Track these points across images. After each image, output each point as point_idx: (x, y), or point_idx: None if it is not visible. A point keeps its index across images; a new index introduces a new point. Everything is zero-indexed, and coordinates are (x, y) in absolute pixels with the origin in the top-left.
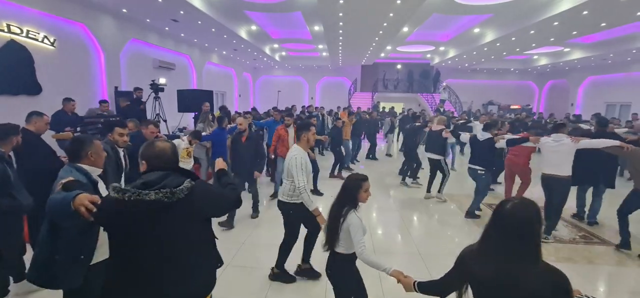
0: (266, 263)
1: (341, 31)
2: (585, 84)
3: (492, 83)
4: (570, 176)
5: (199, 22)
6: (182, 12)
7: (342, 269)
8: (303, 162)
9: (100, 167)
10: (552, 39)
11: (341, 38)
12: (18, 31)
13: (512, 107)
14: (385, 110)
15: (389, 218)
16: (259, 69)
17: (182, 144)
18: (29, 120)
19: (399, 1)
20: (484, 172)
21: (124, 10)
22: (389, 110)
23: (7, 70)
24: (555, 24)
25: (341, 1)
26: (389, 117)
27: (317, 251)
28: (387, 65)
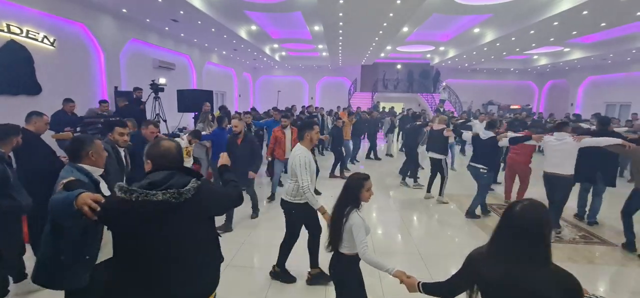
0: (266, 263)
1: (341, 31)
2: (585, 83)
3: (492, 83)
4: (573, 175)
5: (199, 22)
6: (182, 12)
7: (346, 269)
8: (307, 161)
9: (101, 166)
10: (552, 39)
11: (341, 38)
12: (18, 31)
13: (512, 107)
14: (385, 110)
15: (389, 219)
16: (258, 68)
17: (182, 143)
18: (29, 120)
19: (399, 1)
20: (486, 171)
21: (124, 10)
22: (389, 110)
23: (7, 70)
24: (555, 24)
25: (341, 1)
26: (388, 116)
27: (320, 252)
28: (387, 65)
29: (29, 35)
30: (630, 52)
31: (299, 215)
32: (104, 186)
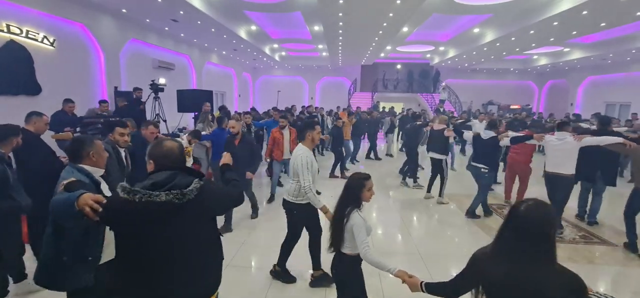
0: (266, 263)
1: (341, 31)
2: (584, 83)
3: (492, 83)
4: (574, 174)
5: (199, 22)
6: (181, 12)
7: (348, 270)
8: (308, 161)
9: (102, 167)
10: (552, 39)
11: (341, 38)
12: (18, 31)
13: (511, 107)
14: (385, 109)
15: (388, 219)
16: (258, 68)
17: (182, 143)
18: (29, 121)
19: (398, 1)
20: (487, 171)
21: (124, 10)
22: (388, 110)
23: (7, 71)
24: (555, 24)
25: (341, 1)
26: (388, 116)
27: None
28: (387, 65)
29: (29, 36)
30: (630, 52)
31: (300, 216)
32: (104, 187)
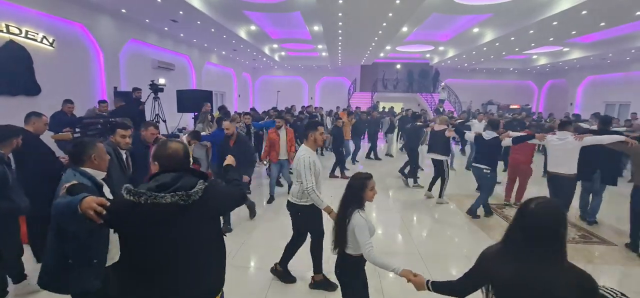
0: (266, 263)
1: (340, 31)
2: (584, 83)
3: (492, 83)
4: (576, 174)
5: (198, 22)
6: (181, 12)
7: (351, 270)
8: (311, 162)
9: (103, 170)
10: (552, 39)
11: (340, 38)
12: (17, 31)
13: (511, 106)
14: (385, 109)
15: (388, 219)
16: (258, 69)
17: (186, 145)
18: (28, 121)
19: (398, 1)
20: (489, 171)
21: (123, 11)
22: (388, 109)
23: (6, 71)
24: (555, 23)
25: (340, 1)
26: (388, 116)
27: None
28: (387, 65)
29: (28, 36)
30: (629, 52)
31: (306, 217)
32: (106, 190)
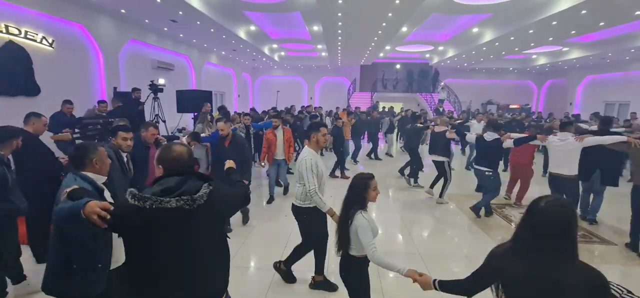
0: (266, 263)
1: (340, 31)
2: (584, 83)
3: (491, 82)
4: (577, 175)
5: (198, 23)
6: (180, 12)
7: (356, 272)
8: (313, 164)
9: (104, 174)
10: (551, 39)
11: (340, 38)
12: (16, 32)
13: (511, 106)
14: (385, 109)
15: (388, 219)
16: (258, 69)
17: (191, 148)
18: (27, 122)
19: (397, 1)
20: (491, 173)
21: (123, 11)
22: (387, 109)
23: (6, 71)
24: (554, 23)
25: (340, 1)
26: (387, 116)
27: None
28: (386, 65)
29: (28, 36)
30: (629, 51)
31: (310, 220)
32: (107, 194)
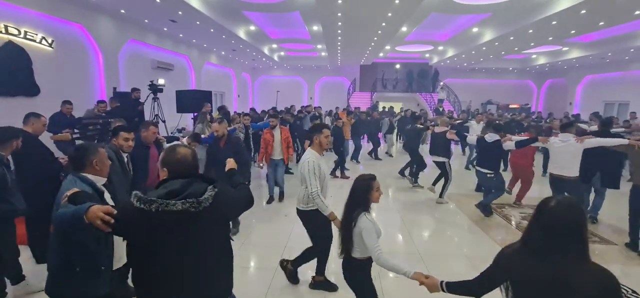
0: (266, 263)
1: (340, 31)
2: (583, 82)
3: (491, 82)
4: (578, 177)
5: (198, 23)
6: (180, 12)
7: (358, 274)
8: (316, 166)
9: (104, 176)
10: (551, 38)
11: (340, 38)
12: (16, 32)
13: (510, 106)
14: (385, 109)
15: (388, 219)
16: (257, 69)
17: (195, 150)
18: (27, 122)
19: (397, 1)
20: (493, 175)
21: (122, 11)
22: (387, 109)
23: (5, 72)
24: (554, 23)
25: (340, 1)
26: (387, 117)
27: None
28: (386, 65)
29: (27, 37)
30: (628, 51)
31: (315, 222)
32: (107, 196)
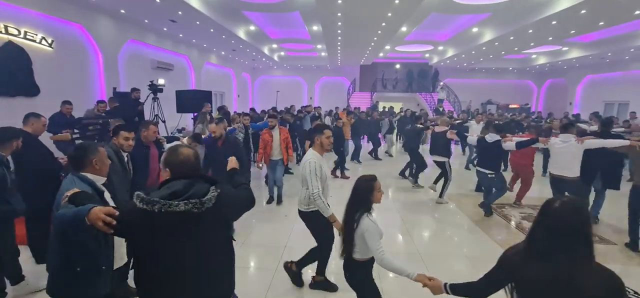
0: (266, 263)
1: (340, 31)
2: (583, 82)
3: (491, 82)
4: (579, 177)
5: (197, 23)
6: (180, 12)
7: (360, 275)
8: (317, 167)
9: (104, 175)
10: (551, 38)
11: (340, 38)
12: (16, 32)
13: (510, 106)
14: (385, 109)
15: (388, 219)
16: (257, 69)
17: (197, 151)
18: (27, 122)
19: (397, 1)
20: (493, 175)
21: (122, 11)
22: (387, 109)
23: (5, 72)
24: (554, 23)
25: (340, 1)
26: (387, 117)
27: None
28: (386, 64)
29: (27, 37)
30: (628, 51)
31: (317, 222)
32: (107, 195)
